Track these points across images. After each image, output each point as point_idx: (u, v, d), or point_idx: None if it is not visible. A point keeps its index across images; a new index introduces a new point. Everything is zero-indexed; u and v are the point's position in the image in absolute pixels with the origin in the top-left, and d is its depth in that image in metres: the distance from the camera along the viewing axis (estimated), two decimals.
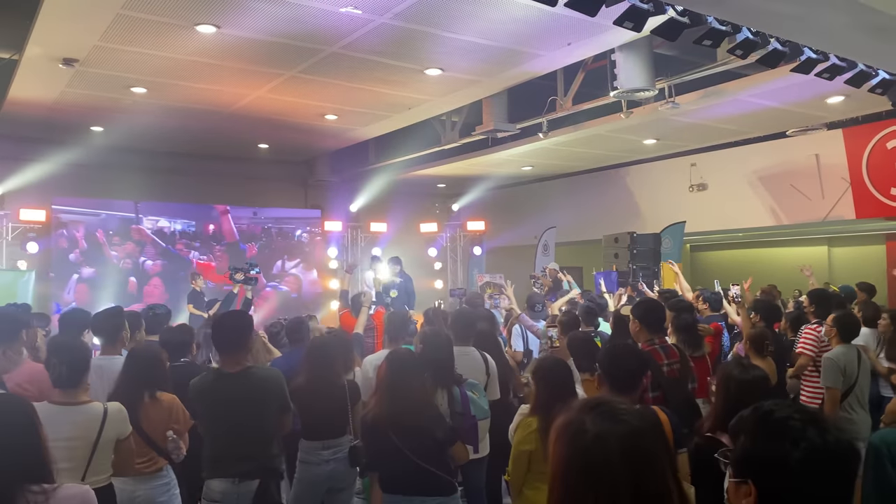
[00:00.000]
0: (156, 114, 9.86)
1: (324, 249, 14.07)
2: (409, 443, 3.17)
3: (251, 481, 3.35)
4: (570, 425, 1.46)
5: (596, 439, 1.41)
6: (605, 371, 3.02)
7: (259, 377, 3.49)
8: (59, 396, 3.17)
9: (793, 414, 1.44)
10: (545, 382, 3.40)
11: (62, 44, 7.10)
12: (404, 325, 5.02)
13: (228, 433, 3.39)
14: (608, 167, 13.47)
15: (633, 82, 7.71)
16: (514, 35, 6.96)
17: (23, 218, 11.34)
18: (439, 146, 11.38)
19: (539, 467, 3.32)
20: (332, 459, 4.03)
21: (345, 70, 8.02)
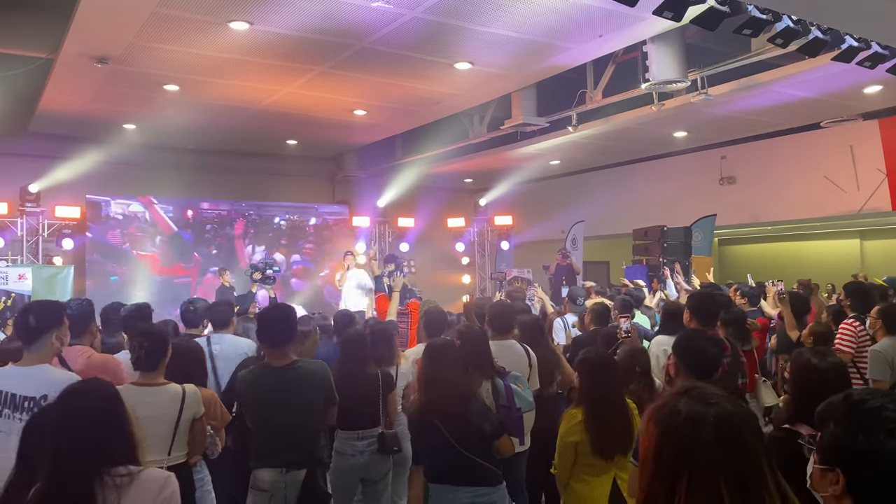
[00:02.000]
0: (188, 111, 9.96)
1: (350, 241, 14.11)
2: (455, 433, 3.19)
3: (298, 471, 3.40)
4: (662, 408, 1.47)
5: (688, 420, 1.42)
6: (683, 358, 3.00)
7: (305, 371, 3.54)
8: (139, 378, 3.34)
9: (886, 403, 1.42)
10: (589, 374, 3.40)
11: (97, 42, 7.19)
12: (442, 321, 5.01)
13: (276, 425, 3.45)
14: (637, 160, 13.36)
15: (666, 74, 7.63)
16: (545, 28, 6.92)
17: (58, 214, 11.54)
18: (467, 141, 11.36)
19: (585, 459, 3.32)
20: (367, 451, 4.08)
21: (375, 65, 8.04)
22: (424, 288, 12.32)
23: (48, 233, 11.62)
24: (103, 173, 11.56)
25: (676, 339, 3.14)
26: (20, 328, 3.22)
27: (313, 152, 13.62)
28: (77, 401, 2.16)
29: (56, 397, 2.20)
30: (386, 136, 12.26)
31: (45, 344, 3.20)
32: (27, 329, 3.19)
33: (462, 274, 15.48)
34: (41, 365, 3.16)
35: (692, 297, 4.35)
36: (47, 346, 3.21)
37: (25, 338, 3.20)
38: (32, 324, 3.19)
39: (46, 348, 3.21)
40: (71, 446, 2.06)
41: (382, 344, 4.48)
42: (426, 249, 14.87)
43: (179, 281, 12.39)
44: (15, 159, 11.29)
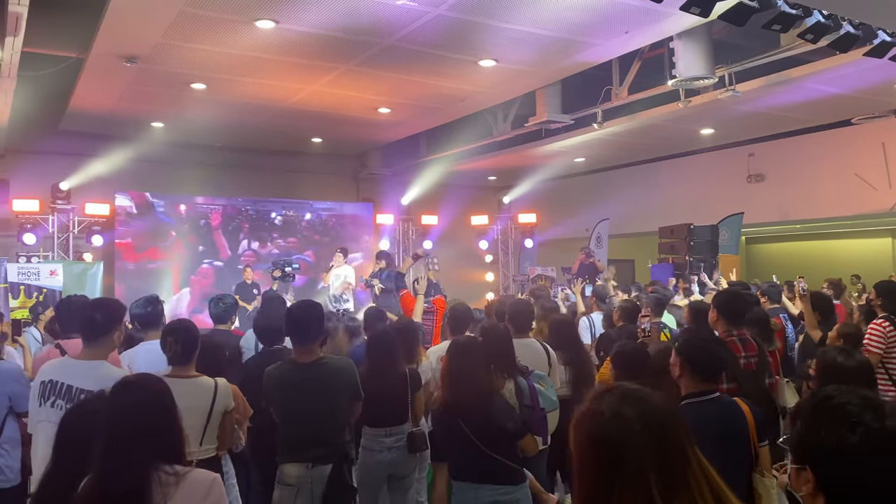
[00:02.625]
0: (214, 109, 10.06)
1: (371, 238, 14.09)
2: (477, 432, 3.19)
3: (324, 466, 3.43)
4: (585, 415, 1.48)
5: (614, 419, 1.42)
6: (688, 359, 2.97)
7: (332, 367, 3.57)
8: (173, 371, 3.39)
9: (851, 399, 1.41)
10: (624, 366, 3.43)
11: (126, 42, 7.29)
12: (467, 318, 5.01)
13: (302, 420, 3.48)
14: (663, 158, 13.24)
15: (692, 70, 7.55)
16: (571, 24, 6.88)
17: (88, 212, 11.72)
18: (491, 138, 11.35)
19: None
20: (395, 447, 4.09)
21: (399, 63, 8.05)
22: (447, 285, 12.30)
23: (78, 230, 11.81)
24: (132, 171, 11.72)
25: (681, 340, 3.11)
26: (85, 323, 3.30)
27: (338, 150, 13.68)
28: (132, 394, 2.18)
29: (110, 390, 2.22)
30: (410, 134, 12.28)
31: (108, 341, 3.28)
32: (93, 325, 3.27)
33: (485, 272, 15.46)
34: (101, 360, 3.24)
35: (719, 295, 4.31)
36: (108, 343, 3.29)
37: (89, 333, 3.28)
38: (99, 321, 3.27)
39: (108, 345, 3.30)
40: (124, 440, 2.07)
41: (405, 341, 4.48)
42: (449, 247, 14.86)
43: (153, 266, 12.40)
44: (46, 157, 11.49)
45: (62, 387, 3.12)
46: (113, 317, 3.32)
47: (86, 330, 3.28)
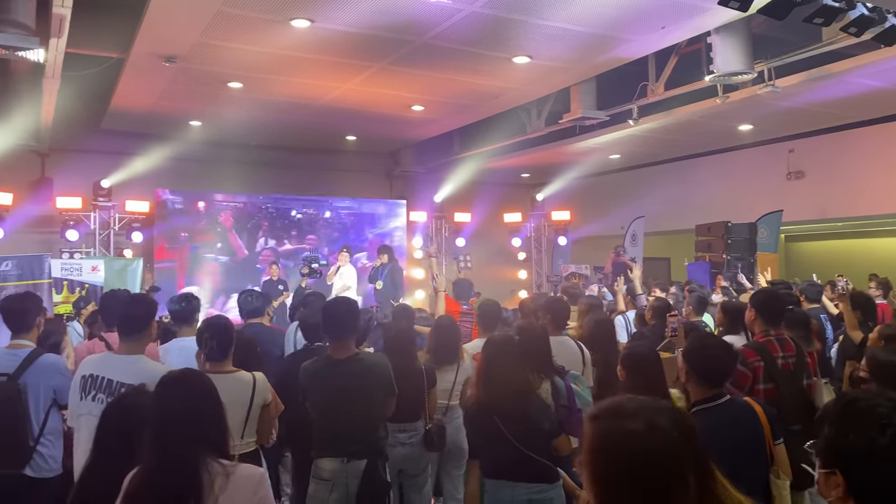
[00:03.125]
0: (250, 108, 10.19)
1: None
2: (513, 430, 3.19)
3: (359, 461, 3.47)
4: (612, 432, 1.40)
5: (653, 433, 1.36)
6: (694, 366, 2.93)
7: (367, 363, 3.61)
8: (210, 367, 3.44)
9: (880, 401, 1.38)
10: (632, 369, 3.41)
11: (166, 42, 7.42)
12: (497, 314, 5.02)
13: (337, 416, 3.52)
14: (700, 154, 13.04)
15: (731, 65, 7.42)
16: (606, 20, 6.82)
17: (128, 209, 11.97)
18: (525, 135, 11.30)
19: None
20: (408, 443, 4.15)
21: (433, 60, 8.06)
22: (480, 283, 12.29)
23: (119, 226, 12.07)
24: (171, 169, 11.93)
25: (688, 345, 3.05)
26: (123, 319, 3.37)
27: (371, 148, 13.75)
28: (181, 389, 2.24)
29: (157, 385, 2.27)
30: (443, 132, 12.29)
31: (145, 336, 3.36)
32: (130, 321, 3.34)
33: (518, 269, 15.41)
34: (139, 355, 3.32)
35: (757, 294, 4.23)
36: (145, 338, 3.37)
37: (126, 329, 3.35)
38: (136, 316, 3.35)
39: (144, 340, 3.38)
40: (174, 434, 2.11)
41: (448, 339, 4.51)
42: (482, 245, 14.85)
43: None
44: (89, 156, 11.76)
45: (103, 381, 3.20)
46: (149, 312, 3.41)
47: (123, 325, 3.36)
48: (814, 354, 4.74)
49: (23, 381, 3.60)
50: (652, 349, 3.64)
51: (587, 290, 8.75)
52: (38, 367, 3.63)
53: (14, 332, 3.80)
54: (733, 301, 5.71)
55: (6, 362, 3.67)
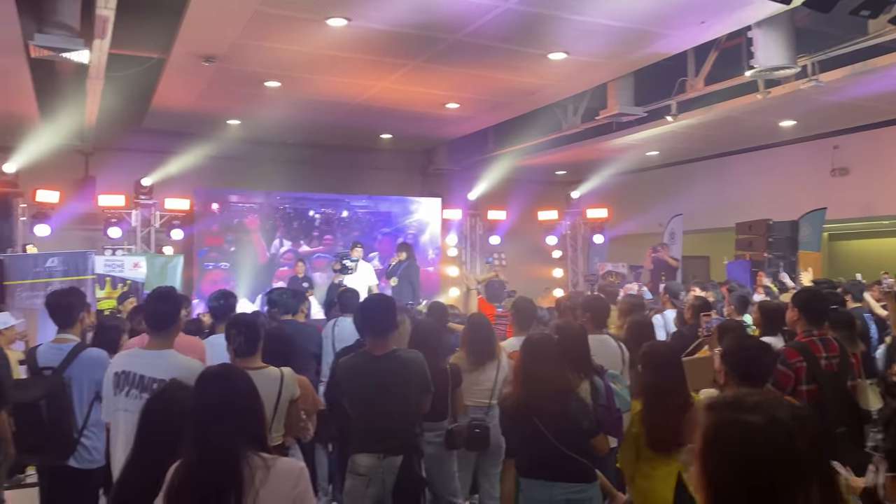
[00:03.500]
0: (287, 107, 10.29)
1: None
2: (552, 429, 3.17)
3: (395, 457, 3.49)
4: (729, 424, 1.33)
5: (776, 428, 1.30)
6: (734, 367, 2.87)
7: (404, 360, 3.62)
8: (239, 363, 3.48)
9: None
10: (651, 367, 3.38)
11: (205, 42, 7.53)
12: (532, 313, 5.00)
13: (374, 412, 3.54)
14: (741, 151, 12.79)
15: (773, 60, 7.26)
16: (644, 14, 6.72)
17: (168, 207, 12.20)
18: (560, 132, 11.20)
19: (646, 453, 3.30)
20: (433, 442, 4.17)
21: (468, 58, 8.04)
22: (515, 282, 12.26)
23: (159, 224, 12.31)
24: (210, 167, 12.12)
25: (727, 346, 3.00)
26: (151, 315, 3.44)
27: (406, 146, 13.79)
28: (220, 384, 2.27)
29: (197, 379, 2.31)
30: (478, 129, 12.26)
31: (173, 330, 3.42)
32: (159, 316, 3.40)
33: (553, 268, 15.30)
34: (168, 349, 3.38)
35: (800, 294, 4.13)
36: (173, 333, 3.43)
37: (155, 324, 3.42)
38: (164, 312, 3.41)
39: (172, 334, 3.44)
40: (215, 428, 2.15)
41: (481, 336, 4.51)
42: (517, 243, 14.78)
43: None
44: (130, 154, 12.00)
45: (134, 377, 3.27)
46: (176, 307, 3.48)
47: (151, 321, 3.42)
48: (857, 355, 4.62)
49: (67, 374, 3.70)
50: (672, 348, 3.60)
51: (624, 288, 8.64)
52: (81, 361, 3.72)
53: (59, 327, 3.90)
54: (771, 301, 5.59)
55: (52, 356, 3.77)
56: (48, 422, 3.55)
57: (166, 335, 3.42)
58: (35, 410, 3.55)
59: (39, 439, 3.65)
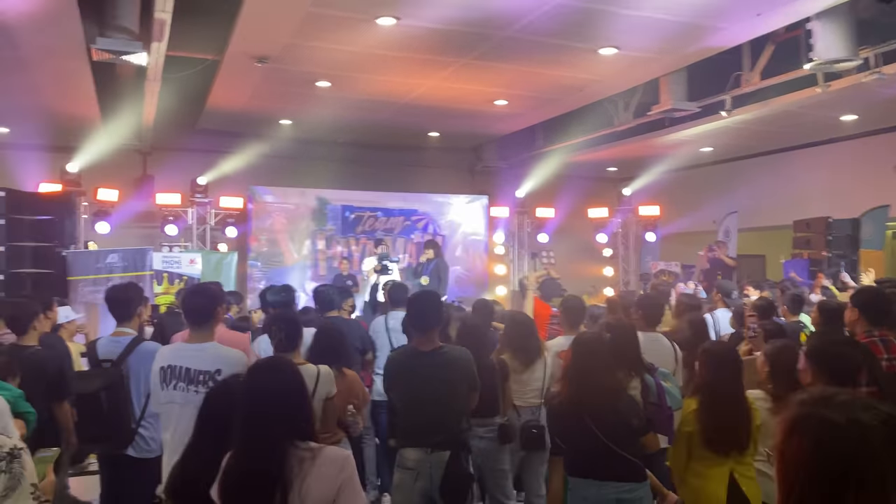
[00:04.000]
0: (338, 106, 10.41)
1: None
2: (603, 427, 3.14)
3: (443, 452, 3.51)
4: (808, 418, 1.32)
5: (849, 428, 1.27)
6: (821, 364, 2.78)
7: (450, 356, 3.64)
8: None
9: None
10: (710, 365, 3.34)
11: (258, 43, 7.67)
12: (581, 311, 4.95)
13: (422, 407, 3.58)
14: (798, 146, 12.41)
15: (833, 52, 7.02)
16: (698, 8, 6.59)
17: (223, 205, 12.49)
18: (611, 128, 11.05)
19: (699, 452, 3.25)
20: (486, 437, 4.19)
21: (516, 54, 8.01)
22: (564, 280, 12.15)
23: (214, 221, 12.61)
24: (262, 166, 12.36)
25: (812, 343, 2.90)
26: (191, 309, 3.53)
27: (454, 144, 13.80)
28: (269, 376, 2.33)
29: (247, 371, 2.38)
30: (527, 126, 12.20)
31: (212, 323, 3.51)
32: (198, 310, 3.50)
33: (603, 266, 15.12)
34: (209, 342, 3.47)
35: (860, 293, 3.99)
36: (213, 325, 3.52)
37: (196, 318, 3.51)
38: (202, 305, 3.50)
39: (212, 327, 3.52)
40: (264, 418, 2.22)
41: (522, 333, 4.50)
42: (566, 240, 14.65)
43: None
44: (186, 154, 12.32)
45: (180, 370, 3.36)
46: (214, 301, 3.55)
47: (191, 315, 3.51)
48: None
49: (125, 366, 3.82)
50: (731, 348, 3.54)
51: (676, 287, 8.48)
52: (138, 354, 3.84)
53: (118, 321, 4.03)
54: (831, 301, 5.41)
55: (110, 349, 3.90)
56: (107, 412, 3.68)
57: (205, 328, 3.50)
58: (95, 401, 3.68)
59: (99, 429, 3.78)
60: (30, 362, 3.99)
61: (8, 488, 1.90)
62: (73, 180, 11.39)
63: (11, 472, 1.92)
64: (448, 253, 13.80)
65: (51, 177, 11.29)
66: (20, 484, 1.94)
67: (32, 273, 7.69)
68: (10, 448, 1.97)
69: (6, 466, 1.93)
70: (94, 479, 4.63)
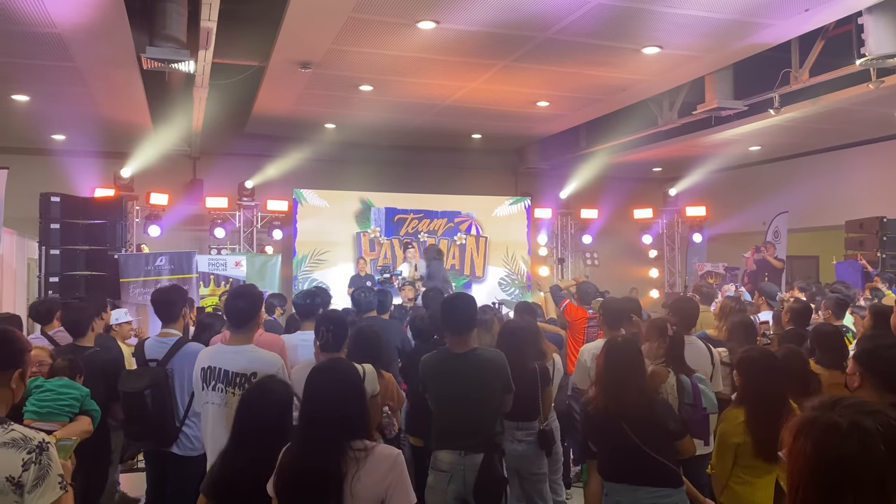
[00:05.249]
0: (380, 110, 10.52)
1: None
2: (638, 432, 3.11)
3: (476, 455, 3.52)
4: (814, 423, 1.34)
5: (851, 433, 1.28)
6: (872, 368, 2.70)
7: (484, 359, 3.64)
8: (323, 358, 3.58)
9: None
10: (748, 373, 3.28)
11: (301, 49, 7.81)
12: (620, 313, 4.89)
13: (455, 409, 3.59)
14: (851, 144, 12.04)
15: (886, 47, 6.79)
16: (742, 4, 6.45)
17: (269, 208, 12.72)
18: (656, 128, 10.89)
19: (747, 461, 3.21)
20: (525, 441, 4.18)
21: (557, 55, 7.96)
22: (608, 281, 12.02)
23: (261, 224, 12.86)
24: (307, 170, 12.56)
25: (861, 347, 2.80)
26: (232, 312, 3.61)
27: (496, 145, 13.79)
28: (331, 376, 2.45)
29: (309, 373, 2.52)
30: (569, 127, 12.11)
31: (252, 326, 3.59)
32: (238, 313, 3.57)
33: (649, 268, 14.91)
34: (248, 345, 3.54)
35: None
36: (252, 328, 3.60)
37: (235, 320, 3.59)
38: (243, 308, 3.57)
39: (252, 330, 3.60)
40: (323, 418, 2.33)
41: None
42: (610, 242, 14.51)
43: None
44: (234, 158, 12.60)
45: (219, 371, 3.44)
46: (255, 304, 3.61)
47: (232, 317, 3.58)
48: None
49: (170, 367, 3.93)
50: (770, 353, 3.45)
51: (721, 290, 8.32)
52: (182, 355, 3.95)
53: (163, 322, 4.15)
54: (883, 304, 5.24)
55: (156, 349, 4.02)
56: (152, 410, 3.79)
57: (245, 331, 3.57)
58: (141, 399, 3.80)
59: (145, 427, 3.90)
60: (89, 363, 4.13)
61: (38, 478, 2.08)
62: (125, 185, 11.78)
63: (40, 464, 2.09)
64: (490, 254, 13.84)
65: (105, 182, 11.69)
66: (48, 474, 2.11)
67: (86, 275, 7.96)
68: (39, 441, 2.14)
69: (36, 458, 2.09)
70: (141, 477, 4.78)
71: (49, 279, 7.76)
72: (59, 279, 7.77)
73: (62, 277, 7.80)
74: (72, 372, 3.82)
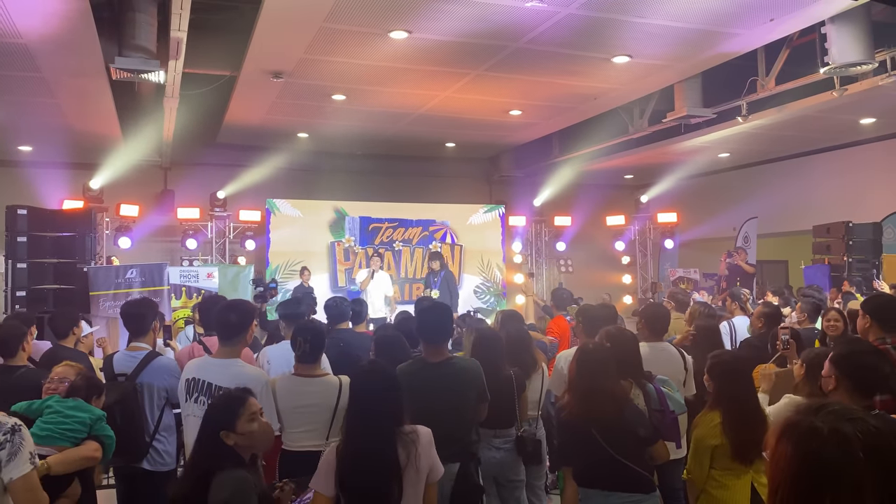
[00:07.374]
0: (353, 119, 10.50)
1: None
2: (608, 438, 3.13)
3: (452, 464, 3.50)
4: (797, 426, 1.36)
5: (832, 438, 1.30)
6: (847, 372, 2.75)
7: (459, 367, 3.65)
8: (301, 370, 3.59)
9: None
10: (722, 376, 3.33)
11: (273, 59, 7.77)
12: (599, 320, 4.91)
13: (431, 418, 3.54)
14: (817, 151, 12.29)
15: (849, 56, 6.96)
16: (709, 14, 6.56)
17: (242, 218, 12.61)
18: (627, 136, 11.03)
19: (724, 463, 3.25)
20: (503, 448, 4.17)
21: (529, 65, 8.02)
22: (582, 288, 12.10)
23: (233, 235, 12.74)
24: (281, 179, 12.49)
25: (838, 351, 2.85)
26: (221, 324, 3.56)
27: (470, 154, 13.84)
28: (375, 377, 2.84)
29: (357, 373, 2.90)
30: (542, 135, 12.20)
31: (241, 340, 3.55)
32: (228, 326, 3.52)
33: (622, 274, 15.04)
34: (234, 359, 3.50)
35: (871, 299, 3.92)
36: (242, 342, 3.56)
37: (225, 333, 3.54)
38: (234, 321, 3.52)
39: (241, 344, 3.56)
40: (373, 411, 2.70)
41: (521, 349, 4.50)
42: (584, 249, 14.62)
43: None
44: (205, 168, 12.48)
45: (203, 384, 3.40)
46: (246, 317, 3.56)
47: (221, 330, 3.54)
48: None
49: (139, 381, 3.87)
50: (738, 356, 3.50)
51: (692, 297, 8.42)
52: (152, 369, 3.89)
53: (133, 335, 4.09)
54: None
55: (125, 363, 3.96)
56: (121, 425, 3.72)
57: (233, 345, 3.53)
58: (109, 414, 3.72)
59: None
60: (17, 383, 3.91)
61: (11, 454, 2.46)
62: (95, 197, 11.60)
63: (13, 443, 2.47)
64: (466, 262, 13.85)
65: (74, 194, 11.50)
66: (21, 451, 2.49)
67: (54, 289, 7.82)
68: (12, 424, 2.51)
69: (11, 438, 2.47)
70: (111, 494, 4.68)
71: (16, 293, 7.59)
72: (27, 293, 7.61)
73: (30, 291, 7.64)
74: (88, 393, 3.46)
